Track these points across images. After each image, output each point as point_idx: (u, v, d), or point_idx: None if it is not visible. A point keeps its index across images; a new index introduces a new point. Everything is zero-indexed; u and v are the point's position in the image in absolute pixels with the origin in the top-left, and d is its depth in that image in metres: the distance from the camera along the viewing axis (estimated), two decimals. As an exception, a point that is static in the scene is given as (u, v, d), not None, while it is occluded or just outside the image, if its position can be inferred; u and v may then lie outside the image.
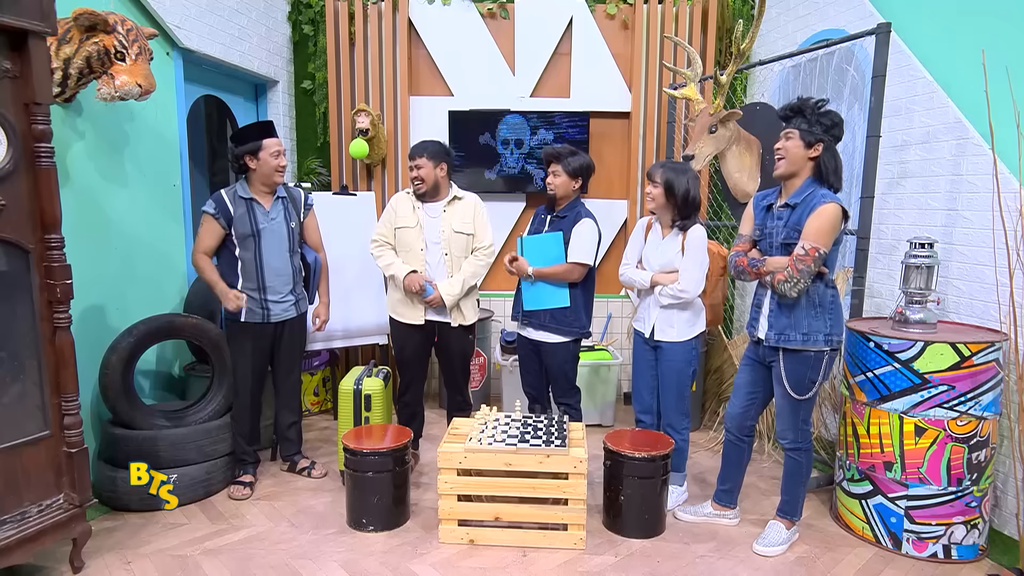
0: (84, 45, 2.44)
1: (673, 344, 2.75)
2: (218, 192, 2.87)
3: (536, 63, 4.29)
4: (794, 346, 2.38)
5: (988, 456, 2.45)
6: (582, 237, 2.88)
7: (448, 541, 2.56)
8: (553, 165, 2.91)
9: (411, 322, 3.03)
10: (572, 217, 2.93)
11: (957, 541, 2.46)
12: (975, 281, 2.65)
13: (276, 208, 2.94)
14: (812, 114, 2.30)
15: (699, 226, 2.73)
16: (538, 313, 2.94)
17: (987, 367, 2.38)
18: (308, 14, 4.30)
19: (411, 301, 3.01)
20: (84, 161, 2.78)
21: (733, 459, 2.71)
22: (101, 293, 2.87)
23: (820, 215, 2.24)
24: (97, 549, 2.45)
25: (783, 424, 2.50)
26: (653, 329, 2.78)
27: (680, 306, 2.74)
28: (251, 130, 2.90)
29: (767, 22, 4.02)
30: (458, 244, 3.01)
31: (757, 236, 2.50)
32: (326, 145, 4.40)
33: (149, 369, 3.23)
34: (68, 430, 2.25)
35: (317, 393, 4.18)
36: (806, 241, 2.25)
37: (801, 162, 2.33)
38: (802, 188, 2.34)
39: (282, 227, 2.94)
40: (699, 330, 2.79)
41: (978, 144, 2.60)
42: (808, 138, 2.30)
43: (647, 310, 2.83)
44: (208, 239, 2.85)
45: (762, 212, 2.49)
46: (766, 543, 2.52)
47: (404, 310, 3.04)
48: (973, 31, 2.64)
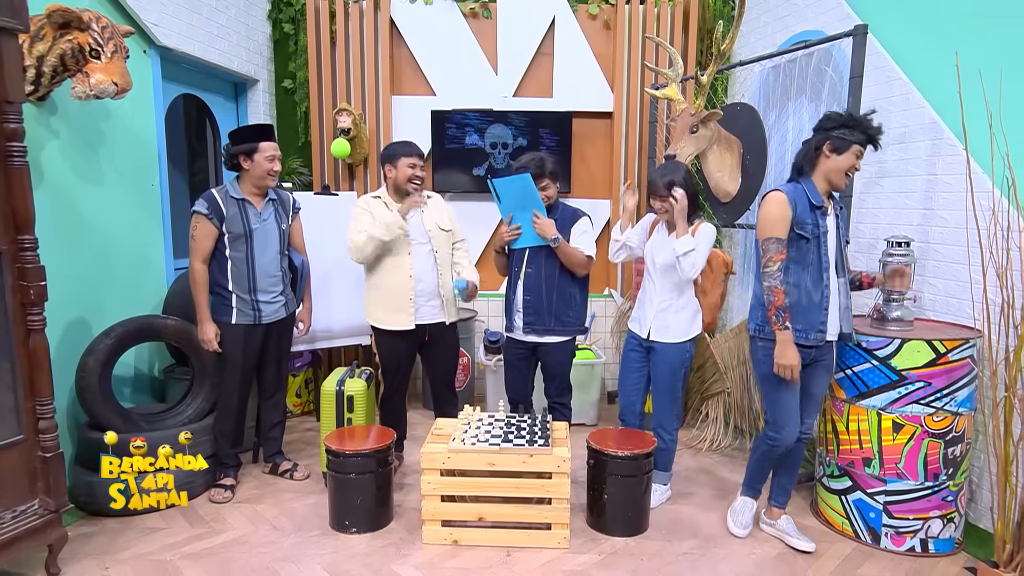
0: (58, 42, 2.40)
1: (669, 345, 2.76)
2: (208, 192, 2.84)
3: (519, 63, 4.29)
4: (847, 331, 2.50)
5: (963, 451, 2.49)
6: (588, 232, 2.90)
7: (432, 542, 2.56)
8: (539, 181, 2.79)
9: (399, 328, 2.96)
10: (566, 217, 2.90)
11: (934, 535, 2.50)
12: (950, 279, 2.69)
13: (267, 209, 2.93)
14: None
15: (708, 224, 2.71)
16: (543, 319, 2.88)
17: (962, 363, 2.43)
18: (289, 12, 4.27)
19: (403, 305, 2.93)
20: (59, 160, 2.73)
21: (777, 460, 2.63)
22: (77, 295, 2.82)
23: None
24: (74, 555, 2.41)
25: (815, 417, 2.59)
26: (650, 330, 2.79)
27: (678, 306, 2.75)
28: (250, 131, 2.88)
29: (747, 23, 4.06)
30: (443, 240, 3.01)
31: (810, 235, 2.35)
32: (307, 145, 4.36)
33: (127, 372, 3.18)
34: (43, 434, 2.21)
35: (299, 395, 4.14)
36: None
37: None
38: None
39: (273, 228, 2.93)
40: (695, 332, 2.80)
41: (952, 144, 2.64)
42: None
43: (644, 311, 2.83)
44: (206, 242, 2.79)
45: (808, 211, 2.35)
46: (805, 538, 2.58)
47: (389, 317, 2.96)
48: (947, 34, 2.68)
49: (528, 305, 2.89)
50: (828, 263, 2.38)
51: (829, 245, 2.39)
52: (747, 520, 2.67)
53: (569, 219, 2.90)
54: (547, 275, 2.86)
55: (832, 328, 2.43)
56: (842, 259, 2.43)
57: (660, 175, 2.71)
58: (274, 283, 2.95)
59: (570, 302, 2.90)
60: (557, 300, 2.87)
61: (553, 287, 2.87)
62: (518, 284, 2.93)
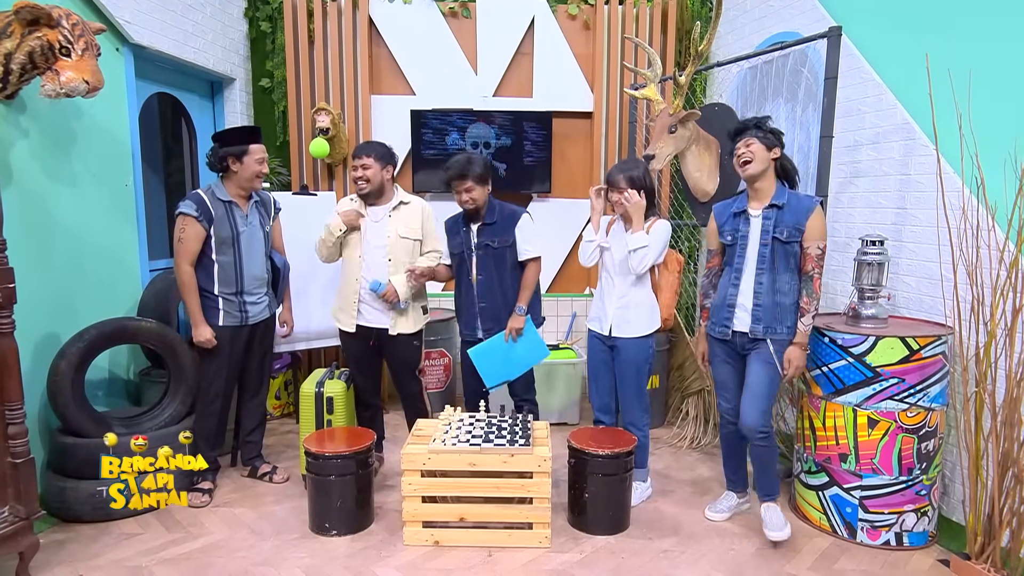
0: (26, 40, 2.35)
1: (630, 340, 2.79)
2: (194, 193, 2.80)
3: (498, 63, 4.28)
4: (781, 336, 2.50)
5: (936, 446, 2.54)
6: (528, 232, 2.91)
7: (413, 543, 2.54)
8: (461, 183, 2.81)
9: (344, 328, 3.00)
10: (506, 219, 2.88)
11: (908, 528, 2.55)
12: (923, 277, 2.74)
13: (253, 212, 2.91)
14: (763, 125, 2.51)
15: (664, 221, 2.79)
16: (502, 323, 2.90)
17: (934, 360, 2.47)
18: (266, 11, 4.22)
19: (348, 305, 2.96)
20: (28, 160, 2.67)
21: (734, 447, 2.77)
22: (49, 297, 2.76)
23: (819, 217, 2.45)
24: (46, 563, 2.37)
25: (758, 409, 2.51)
26: (611, 327, 2.81)
27: (636, 301, 2.78)
28: (239, 132, 2.85)
29: (724, 24, 4.10)
30: (403, 249, 2.95)
31: (729, 242, 2.62)
32: (286, 144, 4.32)
33: (101, 375, 3.13)
34: (13, 440, 2.16)
35: (279, 396, 4.10)
36: (820, 241, 2.44)
37: (767, 162, 2.49)
38: (780, 191, 2.52)
39: (258, 231, 2.93)
40: (655, 326, 2.83)
41: (924, 145, 2.69)
42: (767, 142, 2.49)
43: (603, 309, 2.86)
44: (194, 244, 2.75)
45: (731, 219, 2.61)
46: (775, 526, 2.55)
47: (341, 316, 3.02)
48: (918, 35, 2.73)
49: (484, 311, 2.91)
50: (743, 264, 2.55)
51: (749, 247, 2.54)
52: (721, 507, 2.81)
53: (509, 221, 2.89)
54: (499, 279, 2.90)
55: (740, 323, 2.55)
56: (769, 259, 2.49)
57: (619, 169, 2.79)
58: (259, 285, 2.95)
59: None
60: (512, 297, 2.92)
61: (506, 287, 2.91)
62: (472, 292, 2.94)
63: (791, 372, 2.49)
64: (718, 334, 2.64)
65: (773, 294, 2.49)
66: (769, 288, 2.49)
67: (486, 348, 2.90)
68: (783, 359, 2.50)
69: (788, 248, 2.47)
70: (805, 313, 2.46)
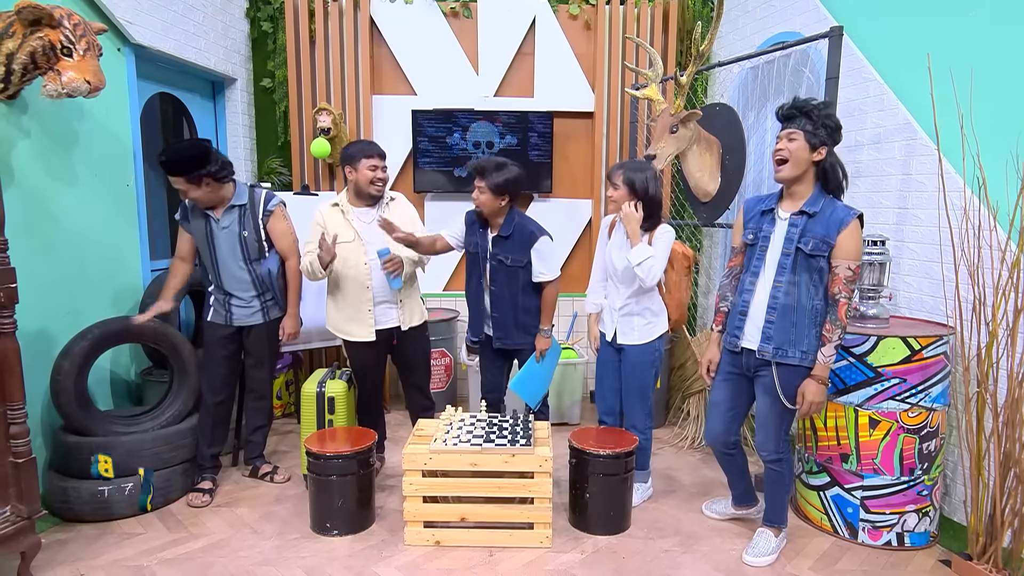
0: (28, 40, 2.35)
1: (634, 347, 2.78)
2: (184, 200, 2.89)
3: (499, 63, 4.28)
4: (792, 362, 2.24)
5: (938, 446, 2.54)
6: (546, 256, 2.81)
7: (414, 543, 2.55)
8: (478, 180, 2.73)
9: (362, 339, 2.93)
10: (523, 238, 2.78)
11: (910, 529, 2.54)
12: (924, 277, 2.74)
13: (228, 217, 2.87)
14: (818, 116, 2.16)
15: (667, 226, 2.73)
16: (511, 334, 2.87)
17: (936, 360, 2.47)
18: (267, 11, 4.22)
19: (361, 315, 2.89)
20: (30, 160, 2.67)
21: (733, 469, 2.64)
22: (51, 297, 2.77)
23: (853, 233, 2.14)
24: (48, 562, 2.37)
25: (766, 435, 2.37)
26: (615, 334, 2.80)
27: (638, 309, 2.76)
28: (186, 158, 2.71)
29: (726, 24, 4.09)
30: (400, 246, 2.89)
31: (751, 240, 2.36)
32: (287, 144, 4.32)
33: (103, 375, 3.13)
34: (15, 439, 2.16)
35: (280, 396, 4.10)
36: (852, 261, 2.14)
37: (805, 165, 2.19)
38: (815, 196, 2.22)
39: (232, 236, 2.87)
40: (660, 331, 2.81)
41: (926, 145, 2.69)
42: (813, 140, 2.16)
43: (608, 314, 2.85)
44: (181, 244, 2.94)
45: (758, 216, 2.35)
46: (756, 552, 2.44)
47: (352, 328, 2.94)
48: (919, 35, 2.73)
49: (496, 321, 2.89)
50: (761, 270, 2.30)
51: (769, 252, 2.29)
52: (718, 507, 2.79)
53: (526, 241, 2.78)
54: (511, 294, 2.83)
55: (749, 338, 2.32)
56: (790, 271, 2.22)
57: (619, 166, 2.74)
58: (244, 288, 2.92)
59: (535, 313, 2.88)
60: (523, 315, 2.86)
61: (517, 305, 2.84)
62: (484, 296, 2.90)
63: (804, 409, 2.20)
64: (727, 343, 2.43)
65: (790, 311, 2.22)
66: (785, 303, 2.22)
67: (523, 377, 2.89)
68: (796, 391, 2.24)
69: (813, 262, 2.18)
70: (827, 342, 2.15)
